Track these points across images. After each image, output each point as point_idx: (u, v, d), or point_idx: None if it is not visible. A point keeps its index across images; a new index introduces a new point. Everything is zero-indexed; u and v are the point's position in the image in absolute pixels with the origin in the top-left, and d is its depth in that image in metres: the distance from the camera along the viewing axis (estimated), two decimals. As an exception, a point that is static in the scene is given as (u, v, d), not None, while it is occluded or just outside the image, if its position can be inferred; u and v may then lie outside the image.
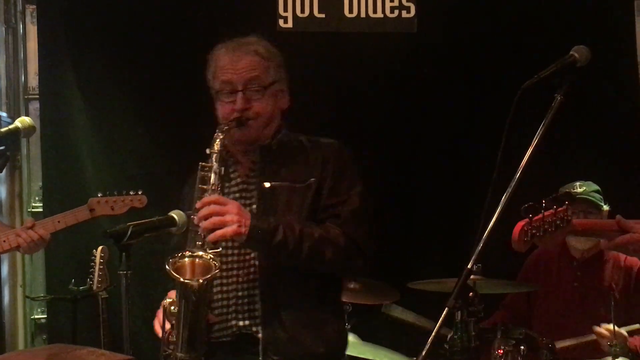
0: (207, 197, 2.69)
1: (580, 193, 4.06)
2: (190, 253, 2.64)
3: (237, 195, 2.86)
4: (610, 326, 3.67)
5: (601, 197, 4.10)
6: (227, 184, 2.89)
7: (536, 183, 2.87)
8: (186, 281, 2.58)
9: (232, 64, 2.87)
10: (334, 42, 4.69)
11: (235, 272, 2.79)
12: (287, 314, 2.75)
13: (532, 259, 4.33)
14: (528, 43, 4.58)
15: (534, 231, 2.46)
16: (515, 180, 2.44)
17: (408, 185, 4.63)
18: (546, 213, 2.47)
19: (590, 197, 4.06)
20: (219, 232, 2.62)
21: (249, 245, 2.73)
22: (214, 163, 2.75)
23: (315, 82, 4.63)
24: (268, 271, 2.76)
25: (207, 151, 2.78)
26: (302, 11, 4.72)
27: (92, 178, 4.48)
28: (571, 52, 2.52)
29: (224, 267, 2.73)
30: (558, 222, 2.48)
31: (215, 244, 2.65)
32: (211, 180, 2.74)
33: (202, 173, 2.78)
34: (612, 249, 2.73)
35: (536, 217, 2.46)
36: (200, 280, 2.58)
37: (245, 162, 2.91)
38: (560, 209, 2.48)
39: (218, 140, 2.78)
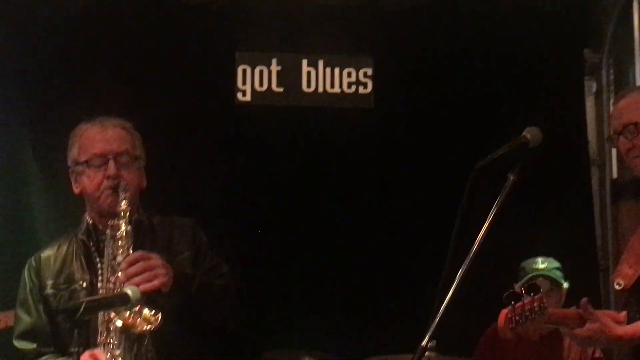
0: (132, 255, 2.76)
1: (542, 269, 4.10)
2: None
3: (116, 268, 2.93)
4: None
5: (562, 274, 4.14)
6: (98, 259, 2.96)
7: (494, 258, 2.90)
8: (146, 329, 2.64)
9: (102, 134, 3.00)
10: (292, 116, 4.73)
11: None
12: None
13: (488, 335, 4.32)
14: (483, 120, 4.67)
15: (517, 318, 2.52)
16: (471, 256, 2.47)
17: (365, 258, 4.62)
18: (525, 301, 2.54)
19: (551, 275, 4.09)
20: (151, 284, 2.69)
21: (171, 295, 2.78)
22: (123, 221, 2.84)
23: (273, 155, 4.66)
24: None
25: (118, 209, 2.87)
26: (261, 85, 4.77)
27: (44, 237, 4.40)
28: (523, 133, 2.60)
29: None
30: (536, 309, 2.55)
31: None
32: (122, 239, 2.83)
33: (112, 232, 2.86)
34: (572, 339, 2.78)
35: (518, 305, 2.51)
36: (157, 324, 2.66)
37: (112, 234, 2.93)
38: (537, 296, 2.55)
39: (125, 200, 2.87)
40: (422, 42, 4.79)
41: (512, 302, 2.56)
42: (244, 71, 4.74)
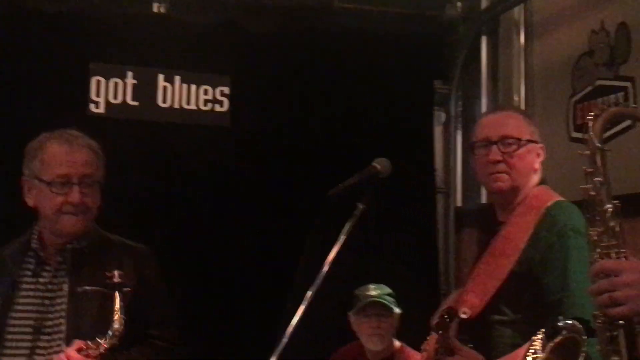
0: (77, 343, 2.68)
1: (375, 296, 4.14)
2: None
3: (43, 295, 2.85)
4: None
5: (394, 300, 4.13)
6: (34, 281, 2.87)
7: (340, 284, 2.95)
8: None
9: (69, 156, 2.90)
10: (147, 131, 4.66)
11: None
12: None
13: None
14: (336, 145, 4.76)
15: (442, 349, 2.60)
16: (318, 281, 2.53)
17: (217, 279, 4.56)
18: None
19: (382, 300, 4.09)
20: None
21: None
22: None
23: (126, 169, 4.57)
24: None
25: None
26: (115, 97, 4.67)
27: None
28: (373, 164, 2.67)
29: None
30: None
31: None
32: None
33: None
34: None
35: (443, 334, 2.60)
36: None
37: (54, 260, 2.89)
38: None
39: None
40: (280, 64, 4.83)
41: (440, 332, 2.62)
42: (98, 82, 4.63)
